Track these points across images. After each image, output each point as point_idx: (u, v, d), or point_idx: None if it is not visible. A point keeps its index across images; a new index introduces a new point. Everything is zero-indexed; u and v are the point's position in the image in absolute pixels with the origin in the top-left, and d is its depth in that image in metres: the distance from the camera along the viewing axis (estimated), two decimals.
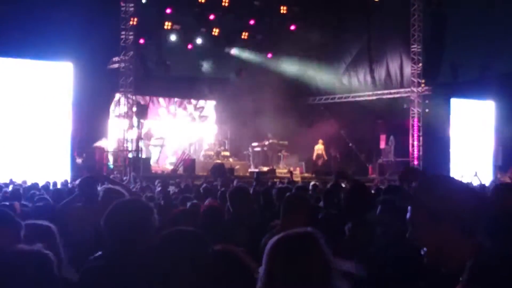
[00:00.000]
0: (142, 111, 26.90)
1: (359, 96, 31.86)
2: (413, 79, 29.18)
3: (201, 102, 34.54)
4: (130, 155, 26.76)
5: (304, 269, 2.72)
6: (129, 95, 27.30)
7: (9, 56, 24.50)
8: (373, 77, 31.73)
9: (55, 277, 3.27)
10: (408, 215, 2.88)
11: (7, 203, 7.55)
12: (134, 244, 3.63)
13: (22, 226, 3.96)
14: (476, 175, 22.95)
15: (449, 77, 29.14)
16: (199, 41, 31.44)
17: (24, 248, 3.29)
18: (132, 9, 26.91)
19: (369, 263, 4.89)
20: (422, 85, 29.05)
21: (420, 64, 28.92)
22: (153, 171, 26.90)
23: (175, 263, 3.16)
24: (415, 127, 29.11)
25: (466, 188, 2.90)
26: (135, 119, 27.10)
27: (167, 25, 30.02)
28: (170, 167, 28.92)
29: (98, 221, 3.94)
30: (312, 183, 15.58)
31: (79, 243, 5.33)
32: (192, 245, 3.24)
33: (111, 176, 17.52)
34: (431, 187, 2.87)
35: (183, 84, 31.21)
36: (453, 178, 2.99)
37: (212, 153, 30.22)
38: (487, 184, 19.76)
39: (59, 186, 16.63)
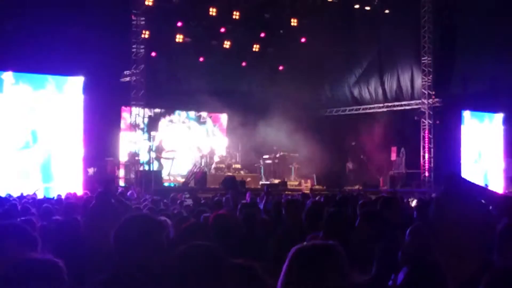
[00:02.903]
0: (154, 124, 26.96)
1: (370, 108, 31.88)
2: (423, 91, 29.15)
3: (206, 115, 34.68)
4: (141, 168, 26.82)
5: (320, 280, 2.74)
6: (140, 108, 27.40)
7: (21, 71, 24.63)
8: (384, 89, 31.73)
9: (66, 286, 3.31)
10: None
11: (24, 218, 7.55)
12: (141, 259, 3.64)
13: (39, 240, 4.00)
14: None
15: (459, 89, 29.06)
16: (210, 54, 31.51)
17: (35, 256, 3.34)
18: (143, 22, 27.01)
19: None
20: (433, 97, 29.02)
21: (431, 76, 28.90)
22: (164, 184, 26.95)
23: (191, 278, 3.20)
24: (426, 139, 29.04)
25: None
26: (146, 132, 27.18)
27: (178, 38, 30.08)
28: (181, 180, 28.96)
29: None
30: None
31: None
32: (207, 260, 3.28)
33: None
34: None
35: (194, 97, 31.21)
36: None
37: (223, 165, 30.22)
38: None
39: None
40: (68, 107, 25.23)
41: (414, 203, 15.47)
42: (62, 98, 25.18)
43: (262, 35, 32.27)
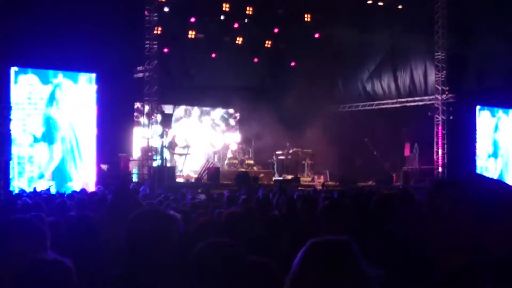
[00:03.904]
0: (167, 120, 27.00)
1: (383, 104, 31.80)
2: (437, 86, 29.05)
3: (221, 111, 34.72)
4: (154, 164, 26.86)
5: (335, 277, 2.69)
6: (153, 104, 27.44)
7: (33, 67, 24.66)
8: (397, 85, 31.65)
9: (76, 285, 3.29)
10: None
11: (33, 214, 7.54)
12: (152, 254, 3.63)
13: (49, 236, 3.98)
14: None
15: (473, 84, 28.93)
16: (222, 50, 31.51)
17: (42, 257, 3.32)
18: (156, 18, 27.06)
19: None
20: (446, 92, 28.90)
21: (445, 72, 28.78)
22: (177, 180, 26.96)
23: (210, 276, 3.19)
24: (440, 135, 28.95)
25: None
26: (159, 128, 27.22)
27: (191, 34, 30.10)
28: (194, 176, 28.98)
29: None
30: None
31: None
32: (227, 258, 3.27)
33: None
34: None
35: (207, 93, 31.27)
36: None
37: (236, 161, 30.22)
38: None
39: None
40: (81, 103, 25.24)
41: None
42: (74, 94, 25.18)
43: (276, 30, 32.24)
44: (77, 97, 25.09)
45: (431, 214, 2.94)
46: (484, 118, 30.42)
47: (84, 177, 24.50)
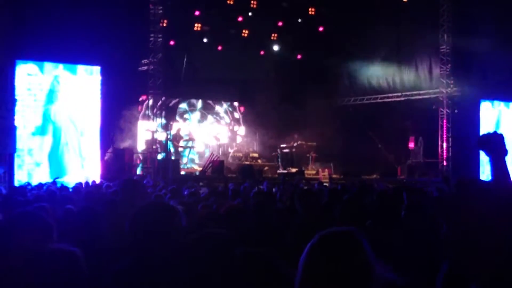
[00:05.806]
0: (171, 113, 27.01)
1: (388, 97, 31.75)
2: (442, 79, 29.01)
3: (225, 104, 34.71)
4: (159, 157, 26.88)
5: (344, 269, 2.66)
6: (158, 97, 27.45)
7: (38, 60, 24.69)
8: (402, 78, 31.57)
9: (85, 274, 3.32)
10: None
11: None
12: (159, 247, 3.66)
13: (54, 227, 4.00)
14: None
15: (478, 78, 28.86)
16: (228, 42, 31.49)
17: (50, 247, 3.36)
18: (161, 11, 27.06)
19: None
20: (451, 86, 28.87)
21: (449, 65, 28.75)
22: (182, 173, 26.99)
23: (204, 267, 3.22)
24: (444, 128, 28.92)
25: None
26: (164, 121, 27.23)
27: (196, 26, 30.11)
28: (199, 169, 29.00)
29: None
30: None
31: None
32: (220, 248, 3.30)
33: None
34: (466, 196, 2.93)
35: (212, 86, 31.23)
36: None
37: (240, 154, 30.21)
38: None
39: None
40: (82, 95, 25.25)
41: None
42: (75, 86, 25.19)
43: (280, 24, 32.22)
44: (78, 89, 25.11)
45: (457, 219, 2.92)
46: (484, 110, 30.42)
47: (86, 170, 24.54)
